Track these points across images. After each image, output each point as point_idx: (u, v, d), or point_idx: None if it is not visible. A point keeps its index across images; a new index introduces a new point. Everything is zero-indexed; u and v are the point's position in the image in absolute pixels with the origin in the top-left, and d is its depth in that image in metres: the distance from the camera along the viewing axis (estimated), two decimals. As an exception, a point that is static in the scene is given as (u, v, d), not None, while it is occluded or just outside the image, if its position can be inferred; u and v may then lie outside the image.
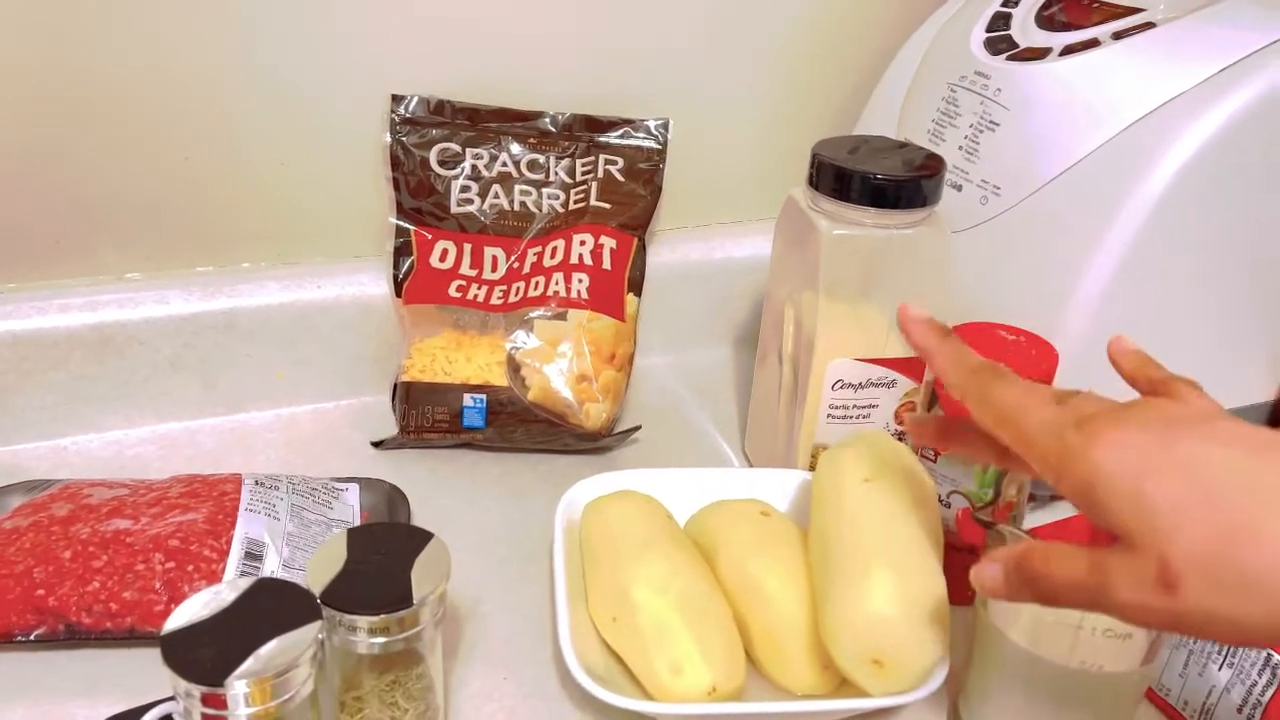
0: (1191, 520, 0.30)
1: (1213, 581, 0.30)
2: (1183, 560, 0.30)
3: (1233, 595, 0.30)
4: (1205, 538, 0.30)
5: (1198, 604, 0.30)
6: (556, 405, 0.65)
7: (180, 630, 0.38)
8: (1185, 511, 0.30)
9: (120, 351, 0.65)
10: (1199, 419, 0.33)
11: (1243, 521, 0.30)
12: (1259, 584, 0.29)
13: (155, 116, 0.63)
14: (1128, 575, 0.31)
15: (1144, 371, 0.39)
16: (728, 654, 0.48)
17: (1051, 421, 0.34)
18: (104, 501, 0.54)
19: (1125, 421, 0.33)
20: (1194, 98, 0.55)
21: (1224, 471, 0.31)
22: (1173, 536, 0.30)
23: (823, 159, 0.55)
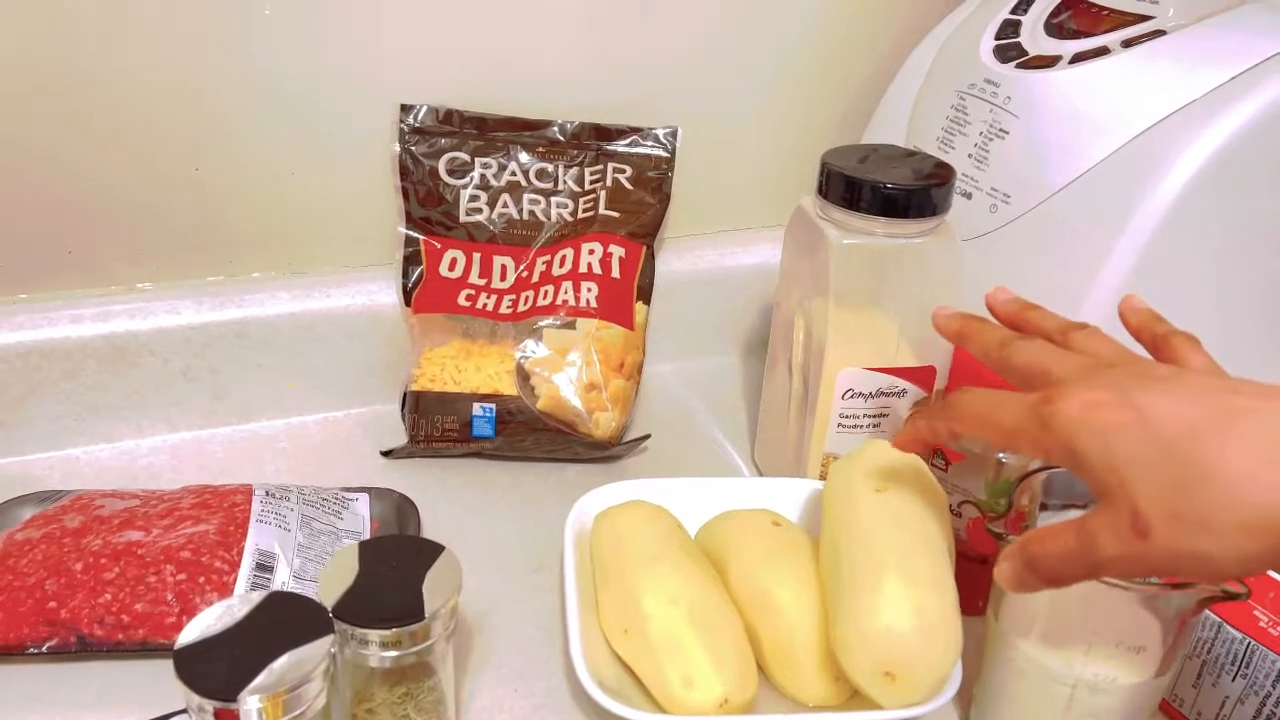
0: (1152, 469, 0.33)
1: (1177, 523, 0.33)
2: (1148, 506, 0.33)
3: (1195, 533, 0.32)
4: (1164, 484, 0.33)
5: (1169, 545, 0.33)
6: (566, 414, 0.65)
7: (193, 644, 0.38)
8: (1145, 462, 0.33)
9: (132, 362, 0.65)
10: (1163, 375, 0.35)
11: (1196, 464, 0.32)
12: (1214, 520, 0.32)
13: (165, 128, 0.63)
14: (1108, 530, 0.34)
15: (1148, 327, 0.41)
16: (739, 665, 0.47)
17: (1022, 407, 0.37)
18: (115, 513, 0.54)
19: (1089, 385, 0.35)
20: (1205, 105, 0.54)
21: (1176, 421, 0.33)
22: (1137, 486, 0.33)
23: (832, 168, 0.55)
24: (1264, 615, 0.47)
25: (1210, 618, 0.48)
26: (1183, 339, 0.40)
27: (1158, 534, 0.33)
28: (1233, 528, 0.32)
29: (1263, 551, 0.32)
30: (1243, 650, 0.47)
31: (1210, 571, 0.33)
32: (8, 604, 0.50)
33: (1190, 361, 0.39)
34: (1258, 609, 0.48)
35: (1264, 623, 0.47)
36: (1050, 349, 0.40)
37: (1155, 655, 0.43)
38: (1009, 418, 0.37)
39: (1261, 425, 0.32)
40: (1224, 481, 0.32)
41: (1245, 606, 0.48)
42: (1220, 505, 0.32)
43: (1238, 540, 0.32)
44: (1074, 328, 0.42)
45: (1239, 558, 0.32)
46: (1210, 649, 0.49)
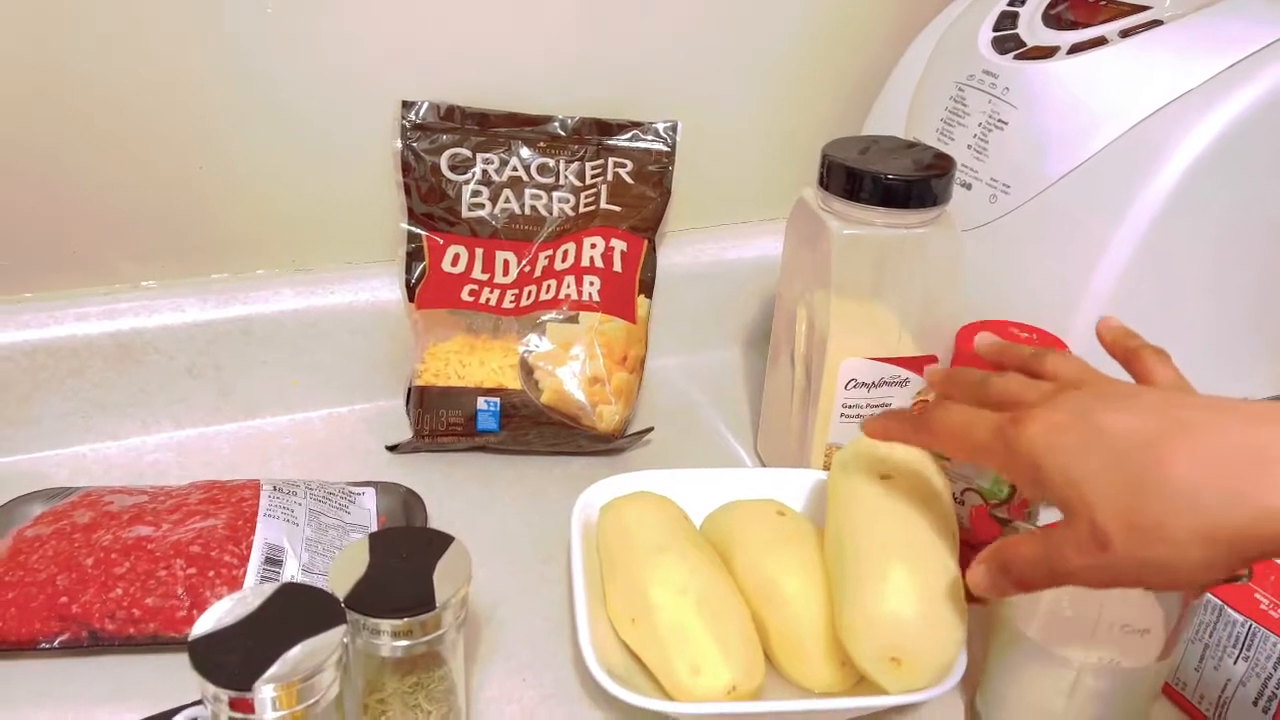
0: (1109, 483, 0.35)
1: (1135, 533, 0.34)
2: (1107, 519, 0.34)
3: (1153, 543, 0.34)
4: (1121, 497, 0.34)
5: (1129, 555, 0.35)
6: (569, 408, 0.66)
7: (207, 635, 0.38)
8: (1103, 477, 0.35)
9: (137, 359, 0.65)
10: (1122, 394, 0.37)
11: (1149, 476, 0.34)
12: (1169, 530, 0.33)
13: (167, 127, 0.63)
14: (1072, 543, 0.36)
15: (1121, 342, 0.43)
16: (746, 653, 0.48)
17: (991, 427, 0.39)
18: (125, 509, 0.54)
19: (1053, 407, 0.37)
20: (1202, 94, 0.55)
21: (1131, 436, 0.35)
22: (1096, 500, 0.35)
23: (833, 159, 0.55)
24: (1265, 598, 0.48)
25: (1212, 601, 0.49)
26: (1152, 353, 0.42)
27: (1117, 545, 0.34)
28: (1187, 536, 0.33)
29: (1219, 558, 0.33)
30: (1244, 633, 0.48)
31: (1171, 580, 0.35)
32: (19, 599, 0.50)
33: (1158, 376, 0.41)
34: (1259, 591, 0.48)
35: (1265, 605, 0.48)
36: (1021, 380, 0.42)
37: (1159, 639, 0.44)
38: (979, 436, 0.40)
39: (1211, 437, 0.34)
40: (1176, 492, 0.33)
41: (1247, 589, 0.48)
42: (1174, 515, 0.33)
43: (1194, 549, 0.33)
44: (1048, 353, 0.44)
45: (1197, 565, 0.34)
46: (1212, 632, 0.49)
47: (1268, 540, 0.33)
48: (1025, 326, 0.55)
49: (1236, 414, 0.34)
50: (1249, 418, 0.34)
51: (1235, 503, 0.33)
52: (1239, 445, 0.33)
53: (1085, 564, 0.36)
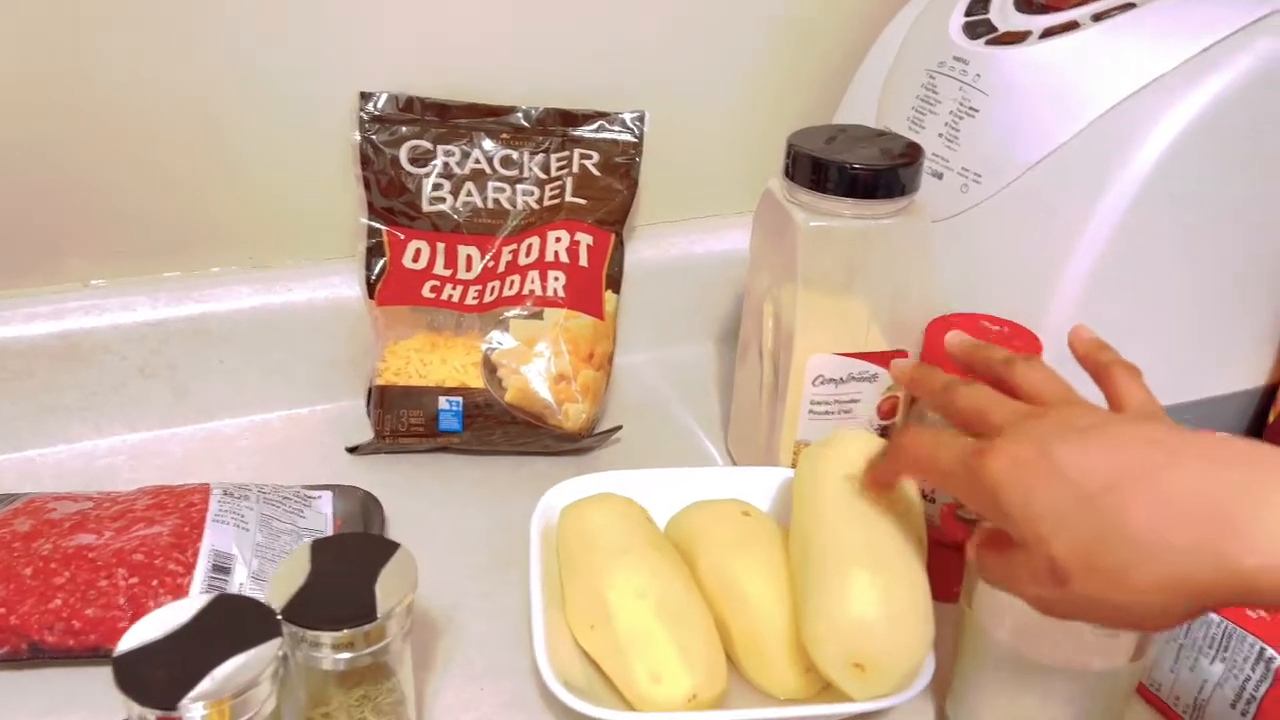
0: (1068, 525, 0.34)
1: (1093, 575, 0.34)
2: (1065, 559, 0.34)
3: (1110, 587, 0.34)
4: (1080, 538, 0.34)
5: (1085, 593, 0.34)
6: (534, 406, 0.64)
7: (133, 651, 0.37)
8: (1063, 517, 0.34)
9: (87, 360, 0.63)
10: (1086, 426, 0.36)
11: (1109, 520, 0.33)
12: (1128, 577, 0.33)
13: (116, 120, 0.61)
14: (1028, 572, 0.36)
15: (1092, 356, 0.43)
16: (708, 659, 0.46)
17: (957, 457, 0.38)
18: (67, 516, 0.52)
19: (1018, 438, 0.37)
20: (1176, 79, 0.53)
21: (1093, 477, 0.34)
22: (1054, 540, 0.34)
23: (798, 149, 0.54)
24: (1242, 597, 0.47)
25: (1187, 601, 0.47)
26: (1123, 371, 0.41)
27: (1075, 583, 0.34)
28: (1145, 585, 0.33)
29: (1178, 606, 0.33)
30: (1221, 634, 0.46)
31: (1127, 622, 0.35)
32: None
33: (1127, 396, 0.40)
34: (1235, 591, 0.47)
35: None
36: (988, 394, 0.41)
37: (1130, 640, 0.42)
38: (944, 465, 0.39)
39: (1173, 484, 0.33)
40: (1135, 541, 0.33)
41: (1223, 589, 0.47)
42: (1133, 564, 0.33)
43: (1151, 596, 0.33)
44: (1018, 360, 0.43)
45: (1154, 612, 0.34)
46: (1188, 632, 0.48)
47: (1228, 592, 0.32)
48: (997, 320, 0.54)
49: (1201, 456, 0.34)
50: (1213, 462, 0.33)
51: (1195, 555, 0.32)
52: (1201, 493, 0.33)
53: (1041, 595, 0.36)
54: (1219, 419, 0.62)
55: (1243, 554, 0.31)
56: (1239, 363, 0.62)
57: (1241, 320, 0.61)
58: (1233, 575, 0.32)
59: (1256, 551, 0.31)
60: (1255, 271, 0.60)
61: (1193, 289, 0.58)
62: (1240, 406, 0.63)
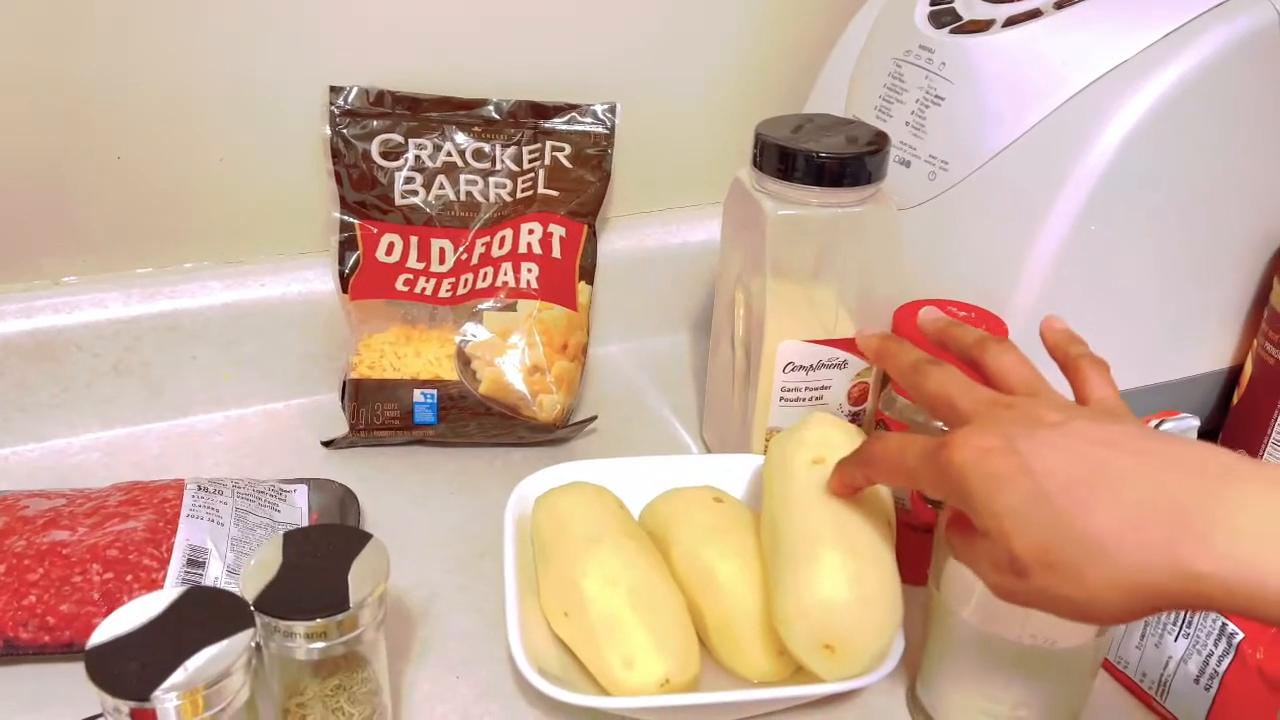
0: (1028, 521, 0.35)
1: (1050, 571, 0.34)
2: (1024, 553, 0.35)
3: (1067, 583, 0.34)
4: (1040, 535, 0.35)
5: (1043, 588, 0.35)
6: (509, 398, 0.64)
7: (105, 644, 0.37)
8: (1024, 514, 0.35)
9: (58, 358, 0.63)
10: (1053, 423, 0.37)
11: (1067, 520, 0.34)
12: (1085, 576, 0.34)
13: (86, 115, 0.61)
14: (989, 560, 0.37)
15: (1062, 347, 0.43)
16: (681, 644, 0.47)
17: (922, 454, 0.39)
18: (40, 513, 0.52)
19: (984, 430, 0.37)
20: (1137, 65, 0.54)
21: (1055, 476, 0.35)
22: (1014, 535, 0.35)
23: (766, 138, 0.54)
24: (1204, 574, 0.47)
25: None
26: (1091, 364, 0.42)
27: (1033, 577, 0.35)
28: (1100, 584, 0.34)
29: (1133, 606, 0.34)
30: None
31: (1083, 617, 0.35)
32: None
33: (1094, 391, 0.41)
34: (1198, 568, 0.48)
35: (1204, 582, 0.47)
36: (957, 379, 0.42)
37: (1094, 618, 0.43)
38: (911, 463, 0.40)
39: (1133, 487, 0.34)
40: (1093, 541, 0.34)
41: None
42: (1090, 563, 0.34)
43: (1107, 594, 0.34)
44: (989, 343, 0.44)
45: (1110, 610, 0.34)
46: (1152, 610, 0.48)
47: (1181, 595, 0.33)
48: (965, 305, 0.54)
49: (1162, 461, 0.34)
50: (1172, 468, 0.34)
51: (1152, 558, 0.33)
52: (1159, 498, 0.33)
53: (1000, 583, 0.37)
54: (1185, 401, 0.62)
55: (1196, 559, 0.32)
56: (1204, 345, 0.63)
57: (1206, 303, 0.62)
58: (1186, 579, 0.32)
59: (1210, 558, 0.32)
60: (1219, 255, 0.61)
61: (1158, 272, 0.59)
62: (1206, 388, 0.64)
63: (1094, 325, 0.46)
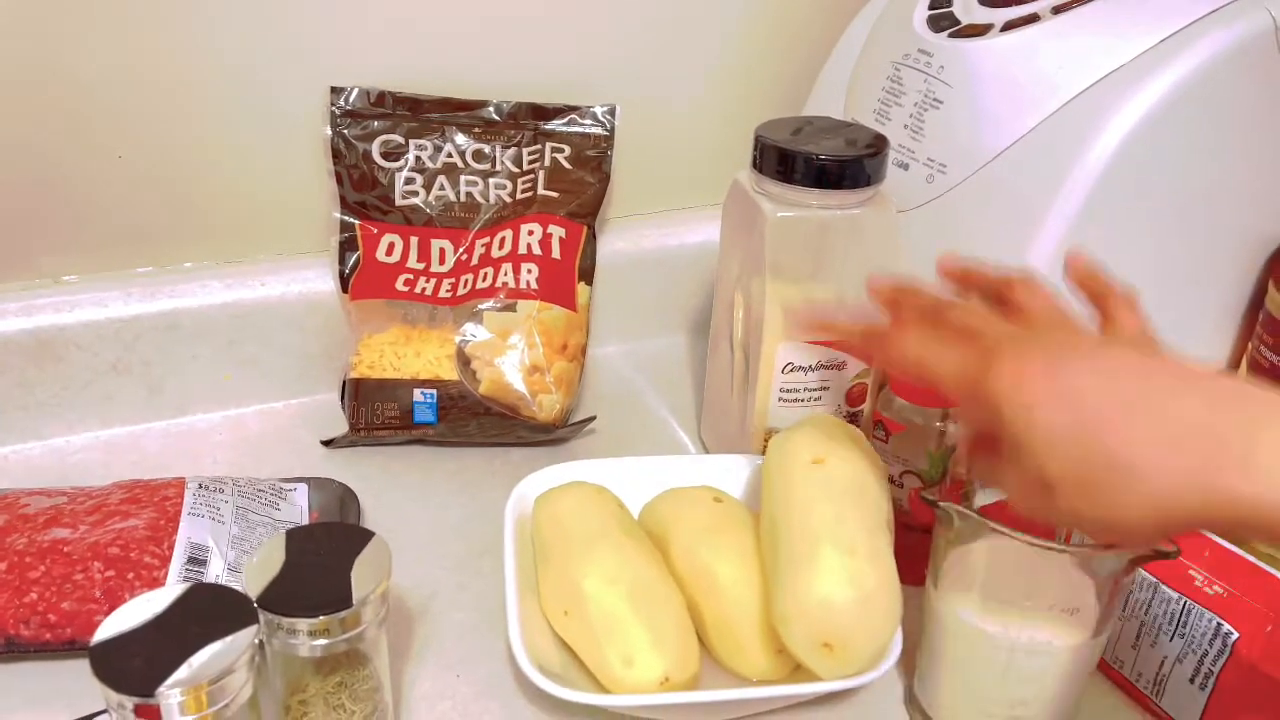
0: (1064, 444, 0.35)
1: (1082, 490, 0.35)
2: (1056, 474, 0.35)
3: (1099, 503, 0.34)
4: (1074, 457, 0.35)
5: (1070, 507, 0.35)
6: (509, 398, 0.65)
7: (110, 640, 0.37)
8: (1060, 435, 0.35)
9: (59, 356, 0.63)
10: (1087, 350, 0.37)
11: (1103, 443, 0.34)
12: (1118, 498, 0.34)
13: (86, 114, 0.61)
14: (1019, 482, 0.37)
15: (1088, 280, 0.43)
16: (680, 643, 0.47)
17: (958, 367, 0.39)
18: (41, 510, 0.52)
19: (1021, 354, 0.37)
20: (1134, 69, 0.55)
21: (1090, 399, 0.35)
22: (1049, 455, 0.35)
23: (766, 140, 0.55)
24: (1199, 575, 0.48)
25: (1146, 578, 0.49)
26: (1120, 297, 0.42)
27: (1064, 498, 0.35)
28: (1134, 506, 0.34)
29: (1164, 527, 0.34)
30: (1179, 610, 0.48)
31: (1109, 537, 0.36)
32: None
33: (1124, 323, 0.41)
34: (1193, 569, 0.48)
35: (1199, 582, 0.48)
36: (981, 312, 0.41)
37: (1091, 616, 0.44)
38: (943, 370, 0.39)
39: (1166, 412, 0.34)
40: (1128, 464, 0.34)
41: (1181, 566, 0.48)
42: (1124, 487, 0.34)
43: (1139, 517, 0.34)
44: (1015, 277, 0.43)
45: (1139, 531, 0.35)
46: (1148, 609, 0.49)
47: (1216, 520, 0.33)
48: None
49: (1196, 388, 0.34)
50: (1208, 393, 0.34)
51: (1188, 482, 0.33)
52: (1195, 423, 0.33)
53: (1026, 502, 0.37)
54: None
55: (1236, 483, 0.32)
56: (1200, 348, 0.64)
57: (1201, 306, 0.62)
58: (1224, 504, 0.32)
59: (1251, 481, 0.32)
60: (1215, 258, 0.61)
61: (1153, 273, 0.59)
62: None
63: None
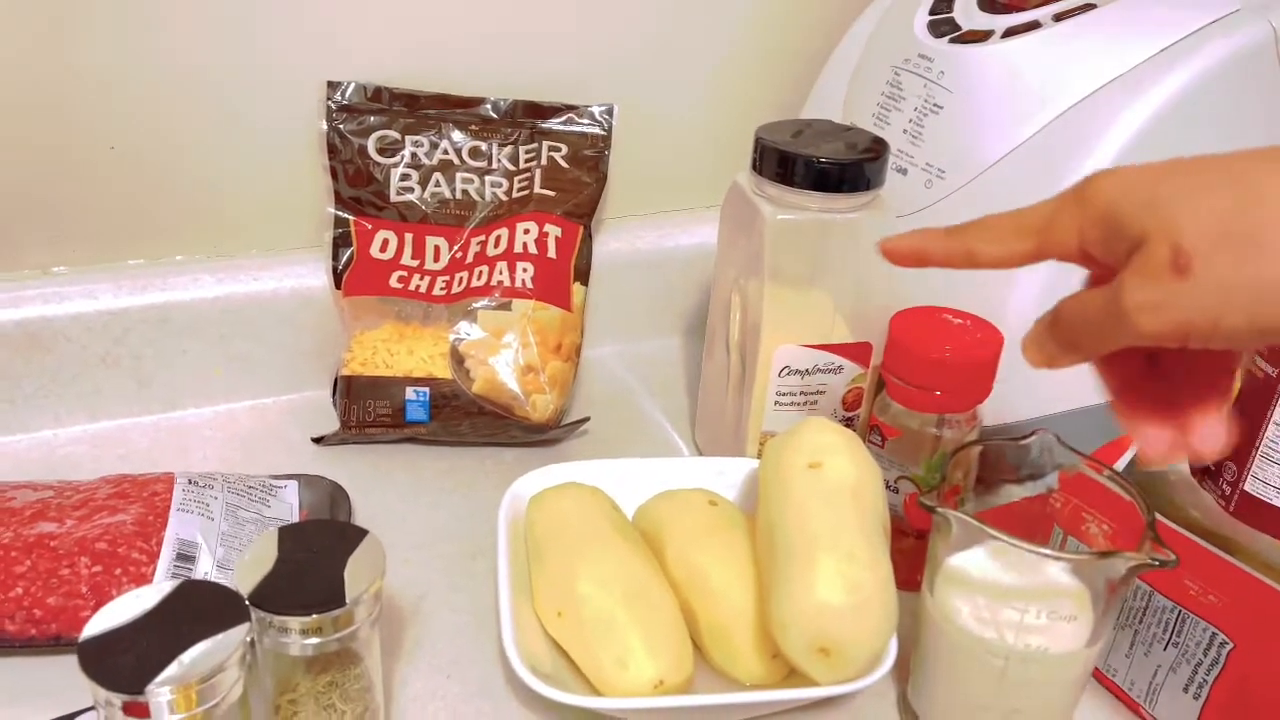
0: (1202, 198, 0.31)
1: (1225, 243, 0.30)
2: (1194, 236, 0.31)
3: (1245, 260, 0.30)
4: (1215, 209, 0.31)
5: (1211, 277, 0.30)
6: (502, 397, 0.64)
7: (99, 636, 0.36)
8: (1195, 193, 0.31)
9: (47, 348, 0.63)
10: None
11: (1243, 187, 0.31)
12: (1266, 236, 0.30)
13: (80, 105, 0.60)
14: (1142, 269, 0.32)
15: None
16: (674, 646, 0.47)
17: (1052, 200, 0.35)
18: (28, 504, 0.52)
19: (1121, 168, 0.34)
20: (1134, 78, 0.55)
21: (1218, 161, 0.32)
22: (1183, 218, 0.31)
23: (766, 143, 0.55)
24: (1193, 585, 0.48)
25: (1141, 587, 0.49)
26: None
27: (1201, 266, 0.30)
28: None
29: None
30: (1174, 619, 0.48)
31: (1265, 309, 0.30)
32: (-87, 601, 0.48)
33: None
34: (1187, 578, 0.48)
35: (1194, 591, 0.47)
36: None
37: (1086, 624, 0.44)
38: (1038, 215, 0.35)
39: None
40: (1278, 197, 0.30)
41: (1175, 576, 0.48)
42: (1273, 221, 0.30)
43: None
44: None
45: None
46: (1142, 619, 0.49)
47: None
48: (959, 313, 0.55)
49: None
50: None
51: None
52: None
53: (1150, 299, 0.31)
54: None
55: None
56: (1193, 357, 0.64)
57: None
58: None
59: None
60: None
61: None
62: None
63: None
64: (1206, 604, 0.47)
